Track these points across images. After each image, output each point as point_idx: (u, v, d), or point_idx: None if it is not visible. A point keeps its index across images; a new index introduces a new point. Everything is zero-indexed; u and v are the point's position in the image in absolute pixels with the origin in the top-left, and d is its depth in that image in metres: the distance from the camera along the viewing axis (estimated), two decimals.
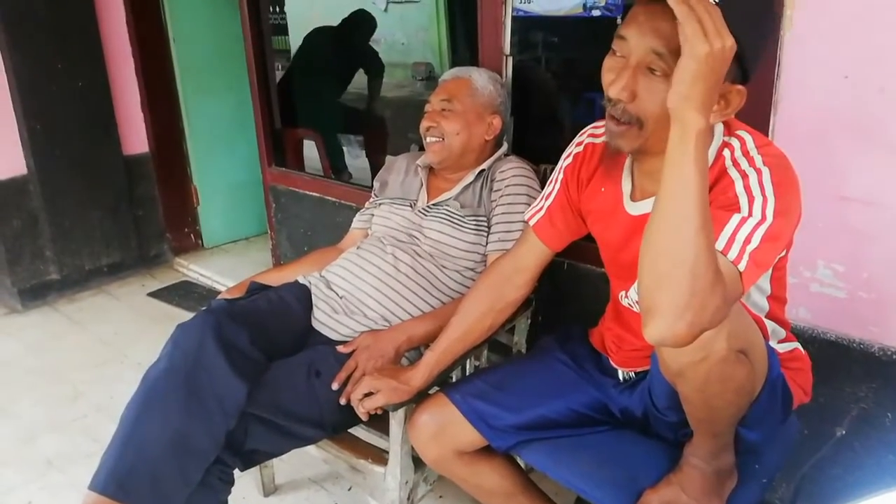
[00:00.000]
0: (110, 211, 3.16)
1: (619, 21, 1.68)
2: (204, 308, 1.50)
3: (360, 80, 3.83)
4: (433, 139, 1.66)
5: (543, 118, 1.96)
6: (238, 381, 1.33)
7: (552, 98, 2.02)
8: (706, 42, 0.78)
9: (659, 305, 0.83)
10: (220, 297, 1.68)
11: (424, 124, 1.67)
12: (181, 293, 3.16)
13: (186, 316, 2.88)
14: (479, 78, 1.68)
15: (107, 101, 3.06)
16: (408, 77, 4.00)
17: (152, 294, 3.16)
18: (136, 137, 3.24)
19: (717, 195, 0.96)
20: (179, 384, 1.32)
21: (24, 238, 2.97)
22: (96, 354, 2.64)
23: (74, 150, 2.97)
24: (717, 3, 0.81)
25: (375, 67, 3.67)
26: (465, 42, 3.05)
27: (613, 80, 0.99)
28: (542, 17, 1.80)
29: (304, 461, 1.90)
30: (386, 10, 3.98)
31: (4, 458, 2.04)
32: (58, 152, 2.93)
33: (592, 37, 1.81)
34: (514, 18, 1.83)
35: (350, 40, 3.51)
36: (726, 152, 1.01)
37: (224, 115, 3.45)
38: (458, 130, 1.64)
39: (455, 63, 3.39)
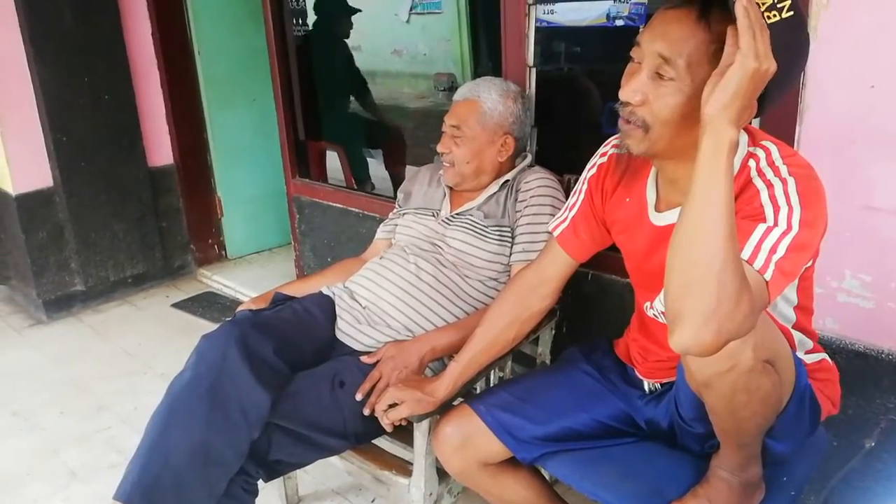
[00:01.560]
0: (135, 222, 3.20)
1: (641, 29, 1.69)
2: (228, 319, 1.52)
3: (379, 90, 3.85)
4: (447, 164, 1.68)
5: (567, 128, 1.96)
6: (262, 391, 1.33)
7: (575, 108, 2.02)
8: (757, 59, 0.81)
9: (685, 313, 0.83)
10: (243, 307, 1.69)
11: (439, 148, 1.68)
12: (205, 304, 3.19)
13: (210, 327, 2.92)
14: (489, 98, 1.65)
15: (132, 114, 3.11)
16: (430, 88, 4.03)
17: (176, 305, 3.19)
18: (160, 149, 3.29)
19: (743, 205, 0.96)
20: (204, 395, 1.33)
21: (49, 249, 3.01)
22: (120, 365, 2.67)
23: (100, 163, 3.02)
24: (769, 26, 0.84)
25: (358, 84, 3.66)
26: (487, 52, 3.07)
27: (626, 84, 1.02)
28: (566, 28, 1.81)
29: (328, 472, 1.90)
30: (408, 21, 4.01)
31: (29, 470, 2.07)
32: (83, 164, 2.98)
33: (616, 46, 1.82)
34: (537, 29, 1.84)
35: (332, 43, 3.50)
36: (751, 162, 1.01)
37: (247, 127, 3.50)
38: (468, 159, 1.65)
39: (477, 73, 3.41)
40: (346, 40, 3.32)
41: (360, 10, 3.25)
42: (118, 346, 2.83)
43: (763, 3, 0.86)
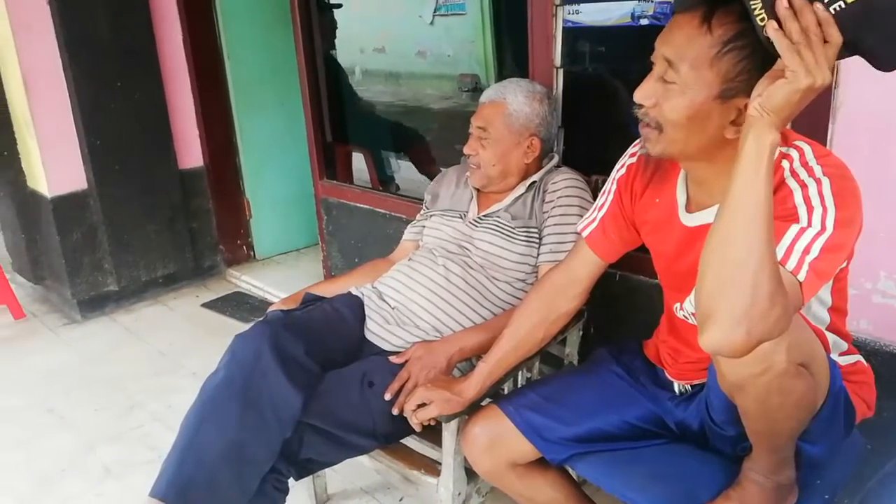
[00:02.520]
0: (166, 224, 3.26)
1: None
2: (260, 319, 1.54)
3: (403, 91, 3.87)
4: (473, 165, 1.69)
5: (594, 129, 1.95)
6: (294, 391, 1.36)
7: (602, 108, 2.01)
8: (809, 76, 0.80)
9: (717, 312, 0.83)
10: (274, 307, 1.71)
11: (465, 150, 1.69)
12: (234, 304, 3.24)
13: (239, 326, 2.96)
14: (515, 100, 1.65)
15: (164, 118, 3.16)
16: (454, 89, 4.03)
17: (206, 305, 3.24)
18: (191, 152, 3.34)
19: (776, 206, 0.95)
20: (237, 394, 1.36)
21: (83, 250, 3.08)
22: (153, 364, 2.72)
23: (132, 165, 3.08)
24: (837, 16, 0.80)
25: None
26: (511, 53, 3.07)
27: (640, 86, 1.04)
28: (591, 28, 1.80)
29: (356, 471, 1.92)
30: (432, 23, 4.02)
31: (64, 466, 2.11)
32: (117, 167, 3.04)
33: (641, 46, 1.81)
34: (563, 30, 1.83)
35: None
36: (784, 163, 1.00)
37: (275, 129, 3.54)
38: (494, 161, 1.65)
39: (501, 74, 3.41)
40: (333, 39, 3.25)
41: (339, 6, 3.21)
42: (150, 345, 2.88)
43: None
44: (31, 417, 2.39)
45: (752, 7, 0.84)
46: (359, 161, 3.48)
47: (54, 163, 2.93)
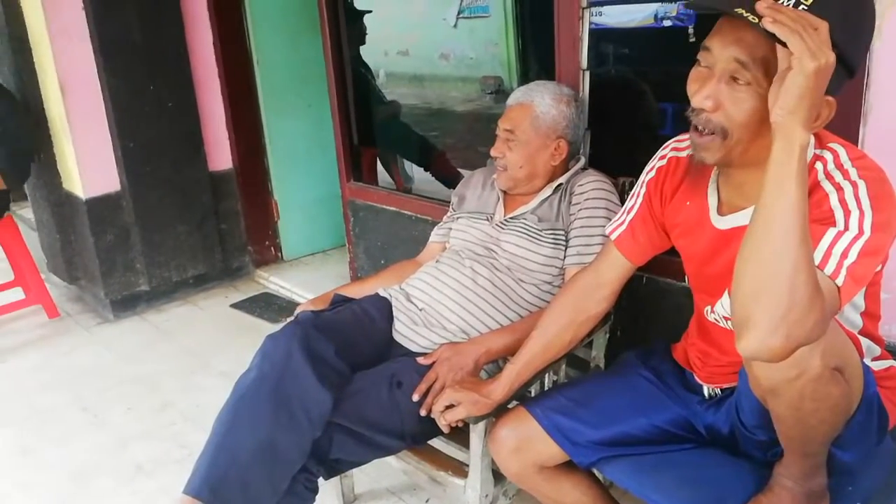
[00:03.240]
0: (196, 225, 3.31)
1: (690, 30, 1.68)
2: (291, 319, 1.56)
3: (426, 94, 3.88)
4: (500, 168, 1.69)
5: (621, 130, 1.95)
6: (324, 391, 1.37)
7: (629, 110, 2.01)
8: (814, 58, 0.80)
9: (754, 318, 0.83)
10: (303, 307, 1.73)
11: (492, 152, 1.69)
12: (262, 304, 3.28)
13: (267, 327, 3.01)
14: (542, 102, 1.65)
15: (194, 121, 3.22)
16: (477, 91, 4.04)
17: (235, 305, 3.29)
18: (221, 154, 3.40)
19: (811, 209, 0.94)
20: (268, 393, 1.38)
21: (116, 251, 3.15)
22: (183, 364, 2.77)
23: (164, 167, 3.14)
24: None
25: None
26: (534, 54, 3.07)
27: (698, 90, 1.00)
28: (615, 30, 1.80)
29: (383, 472, 1.94)
30: (455, 25, 4.03)
31: (98, 464, 2.16)
32: (149, 169, 3.10)
33: (665, 47, 1.80)
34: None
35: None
36: (819, 165, 0.99)
37: (302, 132, 3.58)
38: (521, 163, 1.65)
39: (525, 76, 3.41)
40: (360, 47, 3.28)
41: (368, 11, 3.23)
42: (181, 344, 2.93)
43: None
44: (66, 415, 2.45)
45: (740, 13, 0.87)
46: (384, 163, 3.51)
47: (89, 165, 3.01)
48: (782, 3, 0.86)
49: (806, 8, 0.85)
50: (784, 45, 0.83)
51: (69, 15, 2.82)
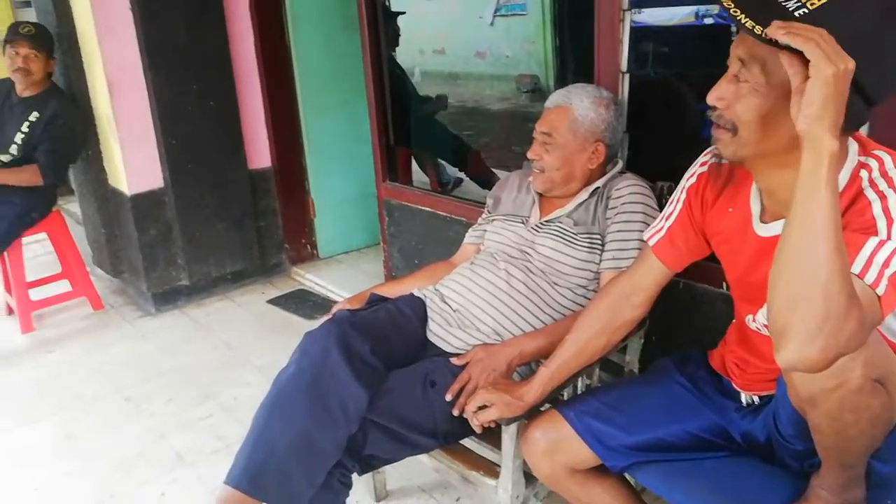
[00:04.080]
0: (235, 222, 3.38)
1: (733, 28, 1.65)
2: (328, 317, 1.59)
3: (462, 92, 3.88)
4: (536, 170, 1.69)
5: (660, 134, 1.93)
6: (360, 388, 1.40)
7: (668, 112, 1.99)
8: (831, 63, 0.80)
9: (791, 329, 0.83)
10: (340, 305, 1.77)
11: (529, 154, 1.70)
12: (298, 301, 3.33)
13: (303, 323, 3.06)
14: (581, 105, 1.65)
15: (235, 120, 3.29)
16: (512, 89, 4.02)
17: (271, 301, 3.35)
18: (260, 153, 3.46)
19: (854, 217, 0.93)
20: (306, 389, 1.41)
21: (159, 246, 3.23)
22: (221, 357, 2.83)
23: (205, 165, 3.22)
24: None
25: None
26: (572, 53, 3.05)
27: (713, 88, 1.04)
28: (654, 28, 1.78)
29: (415, 469, 1.96)
30: (492, 23, 4.03)
31: (140, 453, 2.23)
32: (190, 167, 3.18)
33: (706, 46, 1.77)
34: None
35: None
36: (863, 173, 0.98)
37: (339, 131, 3.62)
38: (558, 166, 1.65)
39: (562, 74, 3.39)
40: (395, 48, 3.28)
41: (402, 13, 3.24)
42: (219, 339, 3.00)
43: None
44: (109, 405, 2.53)
45: (750, 28, 0.89)
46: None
47: (134, 162, 3.09)
48: (786, 5, 0.88)
49: (807, 13, 0.86)
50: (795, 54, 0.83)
51: (117, 15, 2.90)
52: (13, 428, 2.42)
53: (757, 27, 0.88)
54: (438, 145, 3.64)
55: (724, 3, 0.91)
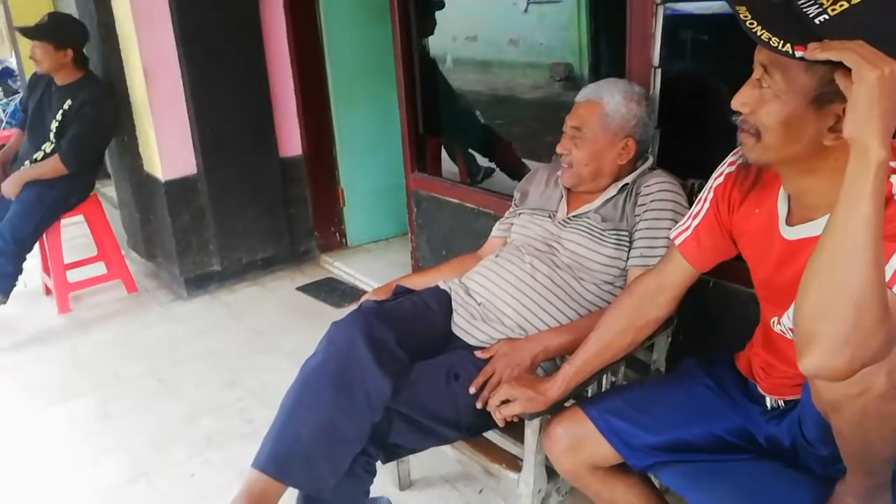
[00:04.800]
0: (266, 209, 3.43)
1: None
2: (355, 308, 1.62)
3: (494, 80, 3.86)
4: (565, 165, 1.68)
5: (689, 129, 1.91)
6: (384, 378, 1.42)
7: (701, 107, 1.96)
8: (874, 67, 0.79)
9: (818, 337, 0.82)
10: (367, 297, 1.79)
11: (558, 149, 1.69)
12: (326, 289, 3.38)
13: (331, 311, 3.10)
14: (612, 100, 1.63)
15: (267, 109, 3.33)
16: (545, 78, 3.98)
17: (300, 288, 3.40)
18: (291, 141, 3.50)
19: (885, 223, 0.92)
20: (332, 378, 1.44)
21: (191, 232, 3.30)
22: (250, 343, 2.89)
23: (238, 153, 3.27)
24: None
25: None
26: (606, 41, 3.01)
27: (737, 93, 1.04)
28: (690, 16, 1.75)
29: (439, 459, 1.98)
30: (526, 10, 3.99)
31: (172, 433, 2.29)
32: (223, 154, 3.23)
33: (744, 37, 1.74)
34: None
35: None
36: (893, 178, 0.96)
37: (369, 121, 3.65)
38: (586, 161, 1.64)
39: (595, 63, 3.35)
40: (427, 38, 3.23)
41: (443, 6, 3.22)
42: (248, 324, 3.06)
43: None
44: (143, 385, 2.60)
45: (775, 46, 0.88)
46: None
47: (169, 149, 3.16)
48: (806, 10, 0.87)
49: (828, 19, 0.85)
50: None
51: (154, 4, 2.95)
52: (50, 405, 2.51)
53: (773, 39, 0.88)
54: (469, 135, 3.63)
55: (741, 15, 0.91)
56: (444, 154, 3.42)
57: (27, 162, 3.12)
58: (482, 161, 3.62)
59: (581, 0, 3.62)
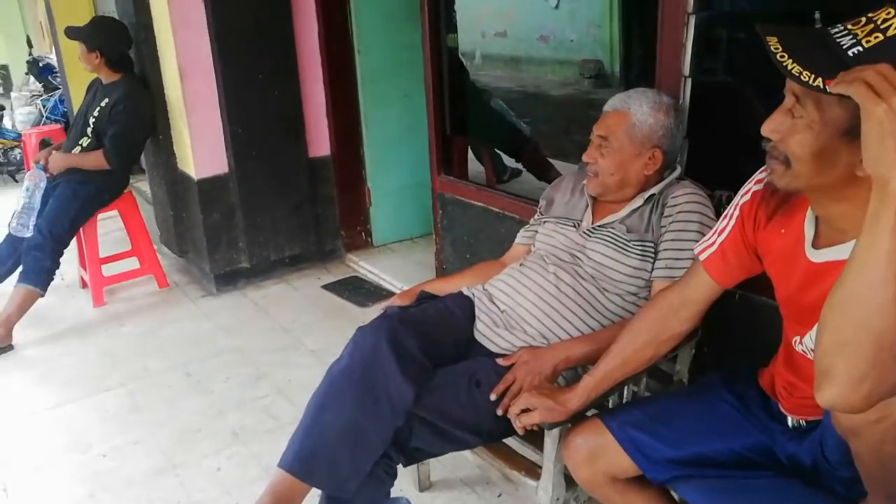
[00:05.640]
0: (294, 208, 3.48)
1: (816, 16, 1.59)
2: (381, 313, 1.65)
3: (523, 77, 3.85)
4: (591, 173, 1.69)
5: (718, 140, 1.89)
6: (407, 384, 1.45)
7: (728, 116, 1.94)
8: (879, 101, 0.78)
9: (835, 372, 0.82)
10: (392, 301, 1.82)
11: (584, 157, 1.69)
12: (351, 288, 3.42)
13: (355, 310, 3.14)
14: (639, 110, 1.63)
15: (298, 109, 3.37)
16: (575, 75, 3.93)
17: (326, 287, 3.45)
18: (320, 141, 3.54)
19: None
20: (356, 382, 1.47)
21: (222, 229, 3.36)
22: (277, 339, 2.94)
23: (268, 152, 3.31)
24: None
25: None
26: (638, 38, 2.98)
27: (769, 119, 1.02)
28: (722, 15, 1.72)
29: (458, 463, 2.01)
30: (557, 6, 3.95)
31: (200, 427, 2.35)
32: (254, 154, 3.28)
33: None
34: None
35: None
36: None
37: (397, 121, 3.67)
38: (612, 171, 1.64)
39: (626, 60, 3.32)
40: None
41: None
42: (275, 321, 3.11)
43: (862, 30, 0.86)
44: (172, 379, 2.67)
45: (790, 68, 0.89)
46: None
47: (202, 148, 3.22)
48: (840, 42, 0.86)
49: (861, 51, 0.85)
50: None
51: (190, 6, 3.01)
52: (85, 396, 2.58)
53: (804, 73, 0.87)
54: (495, 136, 3.64)
55: (771, 47, 0.90)
56: (470, 154, 3.43)
57: None
58: (508, 161, 3.63)
59: None
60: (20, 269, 3.08)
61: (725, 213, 1.31)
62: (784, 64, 0.89)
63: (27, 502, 2.05)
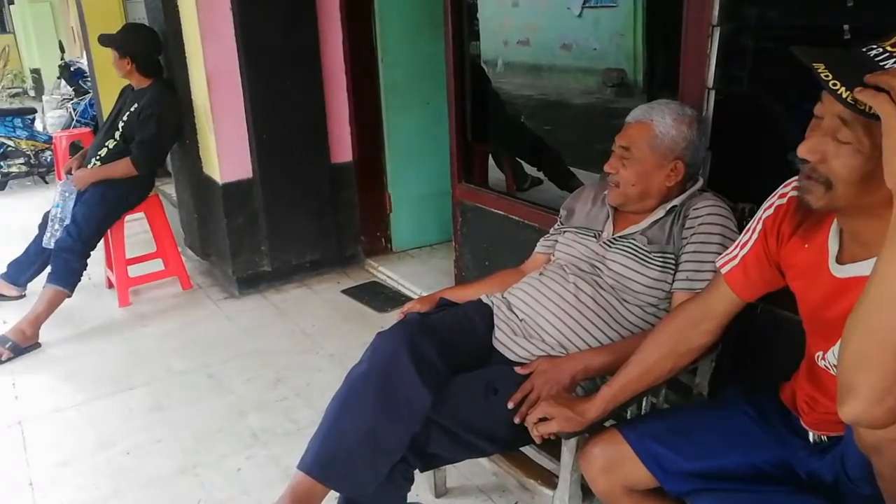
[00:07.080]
0: (316, 213, 3.52)
1: (845, 28, 1.57)
2: (400, 319, 1.66)
3: (545, 85, 3.85)
4: (612, 184, 1.69)
5: (742, 152, 1.88)
6: (425, 390, 1.46)
7: (751, 127, 1.93)
8: None
9: (858, 387, 0.82)
10: (410, 306, 1.83)
11: (606, 167, 1.70)
12: (370, 293, 3.44)
13: (374, 315, 3.16)
14: (662, 122, 1.63)
15: (321, 116, 3.41)
16: (598, 83, 3.91)
17: (345, 291, 3.48)
18: (342, 148, 3.58)
19: None
20: (374, 387, 1.49)
21: (245, 233, 3.40)
22: (297, 343, 2.97)
23: (291, 158, 3.36)
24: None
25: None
26: (662, 48, 2.97)
27: (805, 140, 1.00)
28: (751, 26, 1.72)
29: (475, 470, 2.01)
30: (580, 15, 3.94)
31: (220, 428, 2.38)
32: (278, 160, 3.33)
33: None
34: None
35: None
36: None
37: (418, 129, 3.70)
38: (633, 181, 1.64)
39: (650, 69, 3.30)
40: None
41: None
42: (295, 324, 3.14)
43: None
44: (194, 380, 2.70)
45: (834, 87, 0.87)
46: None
47: (227, 153, 3.27)
48: (878, 60, 0.86)
49: None
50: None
51: (218, 15, 3.07)
52: (110, 394, 2.63)
53: (846, 93, 0.86)
54: (516, 144, 3.65)
55: (821, 74, 0.88)
56: (490, 162, 3.45)
57: (94, 160, 3.28)
58: (530, 170, 3.63)
59: (638, 6, 3.58)
60: (48, 269, 3.15)
61: (748, 226, 1.30)
62: (838, 91, 0.87)
63: (52, 498, 2.09)
